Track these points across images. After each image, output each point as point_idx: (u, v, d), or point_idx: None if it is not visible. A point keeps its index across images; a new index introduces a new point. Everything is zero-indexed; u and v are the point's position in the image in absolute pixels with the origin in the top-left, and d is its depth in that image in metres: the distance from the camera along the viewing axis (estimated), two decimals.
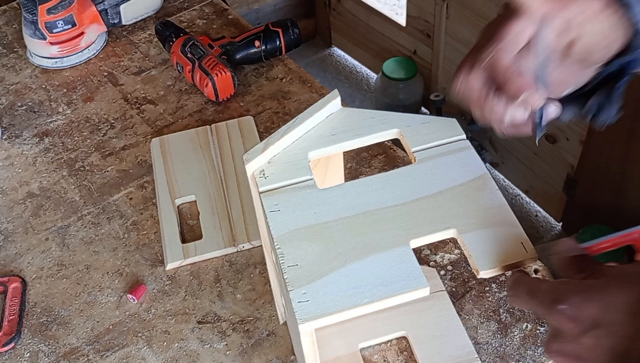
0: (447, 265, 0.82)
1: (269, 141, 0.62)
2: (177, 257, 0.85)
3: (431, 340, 0.74)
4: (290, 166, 0.62)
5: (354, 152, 0.97)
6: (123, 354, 0.77)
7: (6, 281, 0.84)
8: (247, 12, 2.46)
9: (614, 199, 1.71)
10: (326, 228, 0.57)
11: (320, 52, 2.67)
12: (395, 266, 0.54)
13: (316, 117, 0.64)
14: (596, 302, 0.47)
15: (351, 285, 0.53)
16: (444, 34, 2.08)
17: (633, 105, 1.48)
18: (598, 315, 0.46)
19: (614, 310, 0.46)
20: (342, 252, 0.55)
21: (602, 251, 0.53)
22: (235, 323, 0.79)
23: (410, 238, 0.56)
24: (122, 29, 1.22)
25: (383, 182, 0.60)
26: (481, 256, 0.55)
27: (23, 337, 0.79)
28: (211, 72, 1.03)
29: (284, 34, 1.11)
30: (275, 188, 0.60)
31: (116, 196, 0.94)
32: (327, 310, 0.51)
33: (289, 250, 0.55)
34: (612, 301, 0.46)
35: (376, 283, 0.53)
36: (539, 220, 1.97)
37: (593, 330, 0.46)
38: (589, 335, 0.46)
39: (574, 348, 0.47)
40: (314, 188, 0.60)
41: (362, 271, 0.53)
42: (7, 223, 0.92)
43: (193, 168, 0.95)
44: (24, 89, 1.12)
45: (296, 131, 0.63)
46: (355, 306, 0.51)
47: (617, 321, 0.46)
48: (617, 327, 0.45)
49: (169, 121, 1.05)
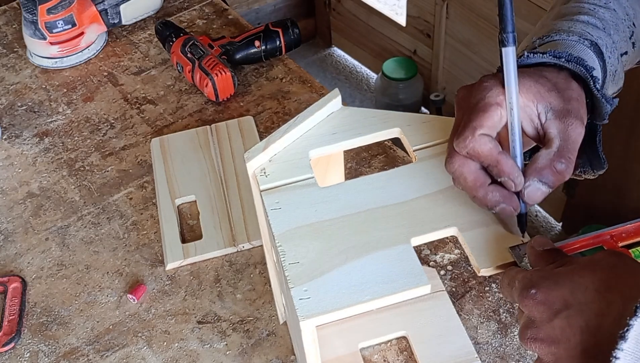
0: (447, 264, 0.82)
1: (270, 140, 0.62)
2: (177, 257, 0.85)
3: (431, 340, 0.74)
4: (291, 164, 0.62)
5: (354, 152, 0.97)
6: (123, 354, 0.77)
7: (6, 281, 0.84)
8: (247, 12, 2.46)
9: (614, 199, 1.71)
10: (327, 226, 0.57)
11: (320, 52, 2.67)
12: (396, 264, 0.54)
13: (317, 116, 0.64)
14: (565, 285, 0.47)
15: (352, 282, 0.53)
16: (444, 34, 2.08)
17: (633, 105, 1.48)
18: (567, 296, 0.47)
19: (583, 289, 0.46)
20: (343, 250, 0.55)
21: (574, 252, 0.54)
22: (235, 323, 0.79)
23: (411, 236, 0.56)
24: (122, 29, 1.22)
25: (384, 181, 0.61)
26: (482, 255, 0.55)
27: (23, 337, 0.79)
28: (211, 72, 1.03)
29: (284, 34, 1.11)
30: (276, 186, 0.61)
31: (116, 196, 0.94)
32: (329, 307, 0.51)
33: (290, 247, 0.56)
34: (580, 282, 0.47)
35: (377, 281, 0.53)
36: (539, 220, 1.97)
37: (564, 311, 0.46)
38: (560, 316, 0.46)
39: (547, 331, 0.47)
40: (314, 186, 0.60)
41: (363, 268, 0.54)
42: (7, 223, 0.92)
43: (193, 168, 0.95)
44: (24, 89, 1.12)
45: (297, 130, 0.63)
46: (356, 303, 0.52)
47: (587, 299, 0.46)
48: (587, 305, 0.45)
49: (169, 121, 1.05)
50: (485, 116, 0.54)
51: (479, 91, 0.56)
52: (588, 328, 0.45)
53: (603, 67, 0.60)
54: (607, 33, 0.62)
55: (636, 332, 0.42)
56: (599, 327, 0.45)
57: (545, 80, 0.56)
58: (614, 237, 0.55)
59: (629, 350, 0.42)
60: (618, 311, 0.44)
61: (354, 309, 0.52)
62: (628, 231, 0.56)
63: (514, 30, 0.53)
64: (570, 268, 0.48)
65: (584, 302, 0.46)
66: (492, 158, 0.54)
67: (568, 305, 0.46)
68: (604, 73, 0.61)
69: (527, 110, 0.55)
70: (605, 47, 0.61)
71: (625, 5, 0.65)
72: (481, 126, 0.54)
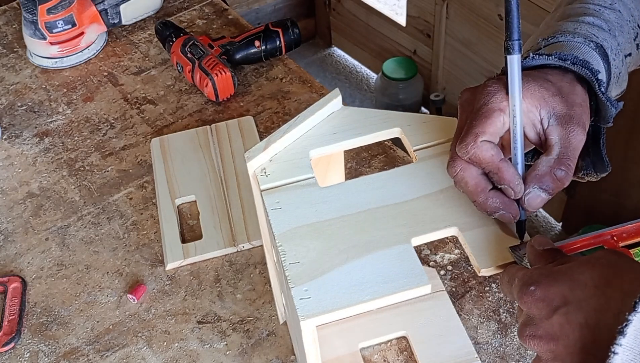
0: (447, 264, 0.82)
1: (271, 140, 0.62)
2: (177, 257, 0.85)
3: (431, 340, 0.74)
4: (292, 164, 0.62)
5: (354, 152, 0.97)
6: (123, 354, 0.77)
7: (6, 281, 0.84)
8: (247, 12, 2.46)
9: (614, 199, 1.71)
10: (327, 226, 0.57)
11: (320, 52, 2.67)
12: (396, 263, 0.54)
13: (317, 116, 0.64)
14: (564, 281, 0.47)
15: (352, 282, 0.53)
16: (444, 34, 2.08)
17: (633, 105, 1.48)
18: (566, 293, 0.47)
19: (582, 286, 0.46)
20: (343, 250, 0.55)
21: (574, 252, 0.54)
22: (235, 323, 0.79)
23: (411, 236, 0.56)
24: (122, 29, 1.22)
25: (384, 180, 0.61)
26: (482, 255, 0.55)
27: (23, 337, 0.79)
28: (211, 72, 1.03)
29: (284, 34, 1.11)
30: (276, 186, 0.61)
31: (116, 196, 0.94)
32: (329, 307, 0.51)
33: (291, 247, 0.56)
34: (579, 279, 0.47)
35: (377, 281, 0.53)
36: (539, 220, 1.97)
37: (563, 307, 0.46)
38: (559, 312, 0.46)
39: (546, 328, 0.47)
40: (315, 186, 0.60)
41: (363, 268, 0.54)
42: (7, 223, 0.92)
43: (193, 168, 0.95)
44: (24, 89, 1.12)
45: (297, 130, 0.63)
46: (356, 303, 0.52)
47: (586, 296, 0.46)
48: (586, 301, 0.45)
49: (169, 121, 1.05)
50: (488, 122, 0.54)
51: (483, 96, 0.56)
52: (587, 325, 0.45)
53: (608, 69, 0.60)
54: (612, 35, 0.62)
55: (635, 327, 0.42)
56: (598, 323, 0.45)
57: (549, 84, 0.56)
58: (615, 237, 0.55)
59: (627, 345, 0.42)
60: (617, 307, 0.44)
61: (355, 309, 0.52)
62: (629, 231, 0.56)
63: (519, 38, 0.53)
64: (570, 265, 0.49)
65: (583, 299, 0.46)
66: (493, 165, 0.54)
67: (567, 302, 0.46)
68: (608, 75, 0.61)
69: (530, 115, 0.55)
70: (610, 49, 0.61)
71: (630, 7, 0.65)
72: (483, 132, 0.54)
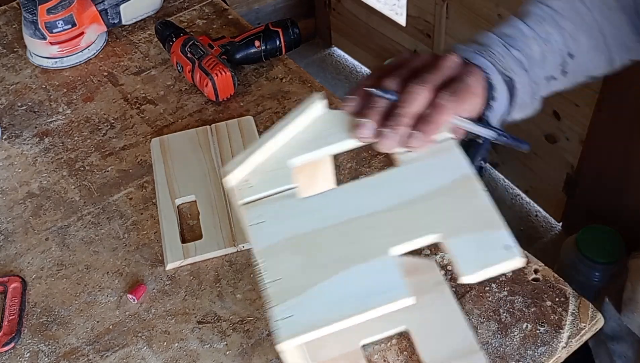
0: (447, 265, 0.82)
1: (248, 152, 0.61)
2: (177, 257, 0.85)
3: (433, 333, 0.74)
4: (272, 175, 0.60)
5: (354, 152, 0.97)
6: (123, 354, 0.77)
7: (6, 281, 0.84)
8: (247, 12, 2.46)
9: (614, 199, 1.71)
10: (308, 239, 0.56)
11: (320, 52, 2.67)
12: (377, 277, 0.53)
13: (298, 122, 0.63)
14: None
15: (333, 298, 0.52)
16: (444, 34, 2.08)
17: (633, 105, 1.48)
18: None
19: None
20: (324, 264, 0.54)
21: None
22: (235, 323, 0.79)
23: (391, 245, 0.55)
24: (122, 29, 1.22)
25: (367, 188, 0.59)
26: (465, 261, 0.54)
27: (23, 337, 0.79)
28: (211, 72, 1.03)
29: (284, 34, 1.11)
30: (257, 198, 0.59)
31: (116, 196, 0.94)
32: (309, 326, 0.51)
33: (271, 264, 0.55)
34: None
35: (359, 295, 0.52)
36: (539, 220, 1.97)
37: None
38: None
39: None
40: (295, 198, 0.59)
41: (345, 283, 0.53)
42: (7, 223, 0.92)
43: (193, 168, 0.95)
44: (24, 89, 1.12)
45: (276, 139, 0.62)
46: (337, 320, 0.51)
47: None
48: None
49: (169, 121, 1.05)
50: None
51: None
52: None
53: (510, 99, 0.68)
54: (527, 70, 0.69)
55: None
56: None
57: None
58: None
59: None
60: None
61: (335, 326, 0.51)
62: None
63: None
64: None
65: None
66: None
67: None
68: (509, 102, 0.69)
69: None
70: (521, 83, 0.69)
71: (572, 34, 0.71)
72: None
